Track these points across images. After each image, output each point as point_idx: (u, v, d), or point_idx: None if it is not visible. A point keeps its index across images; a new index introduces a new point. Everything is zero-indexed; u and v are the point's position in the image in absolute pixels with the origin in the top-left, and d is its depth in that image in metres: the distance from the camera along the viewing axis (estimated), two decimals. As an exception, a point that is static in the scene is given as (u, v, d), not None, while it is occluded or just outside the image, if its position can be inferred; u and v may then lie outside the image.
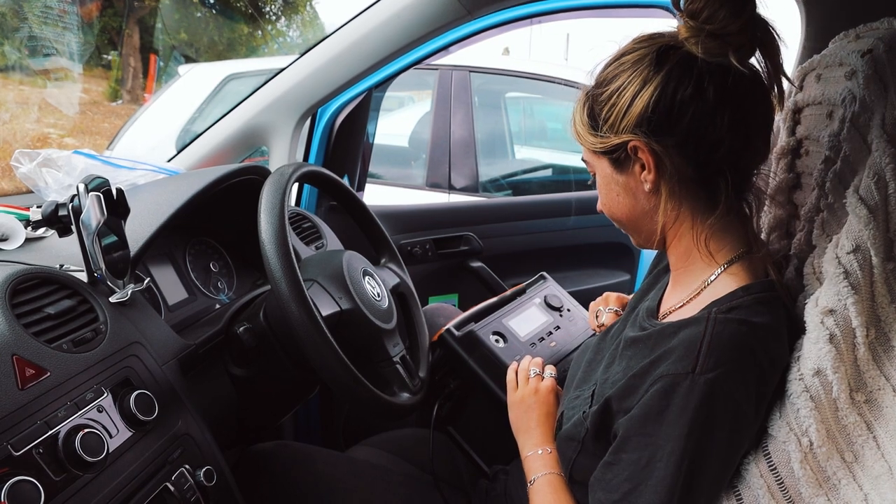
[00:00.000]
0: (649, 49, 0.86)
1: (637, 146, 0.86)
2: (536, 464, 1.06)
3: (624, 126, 0.86)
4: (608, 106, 0.88)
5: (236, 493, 1.01)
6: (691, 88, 0.83)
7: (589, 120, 0.92)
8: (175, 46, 7.89)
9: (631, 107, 0.85)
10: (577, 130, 0.94)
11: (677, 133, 0.84)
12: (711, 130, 0.84)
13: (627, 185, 0.92)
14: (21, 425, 0.74)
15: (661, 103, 0.83)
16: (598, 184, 0.97)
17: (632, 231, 0.98)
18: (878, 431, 0.74)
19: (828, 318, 0.76)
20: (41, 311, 0.88)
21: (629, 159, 0.89)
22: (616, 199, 0.95)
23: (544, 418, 1.13)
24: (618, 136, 0.87)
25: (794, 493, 0.77)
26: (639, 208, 0.93)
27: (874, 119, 0.80)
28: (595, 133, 0.91)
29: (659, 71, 0.84)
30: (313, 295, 1.08)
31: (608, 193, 0.95)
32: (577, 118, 0.94)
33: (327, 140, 1.90)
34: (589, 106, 0.92)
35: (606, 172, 0.93)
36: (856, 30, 0.98)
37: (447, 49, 1.70)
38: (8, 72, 4.77)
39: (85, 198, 0.93)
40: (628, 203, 0.94)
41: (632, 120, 0.85)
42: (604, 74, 0.90)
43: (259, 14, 9.73)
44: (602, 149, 0.90)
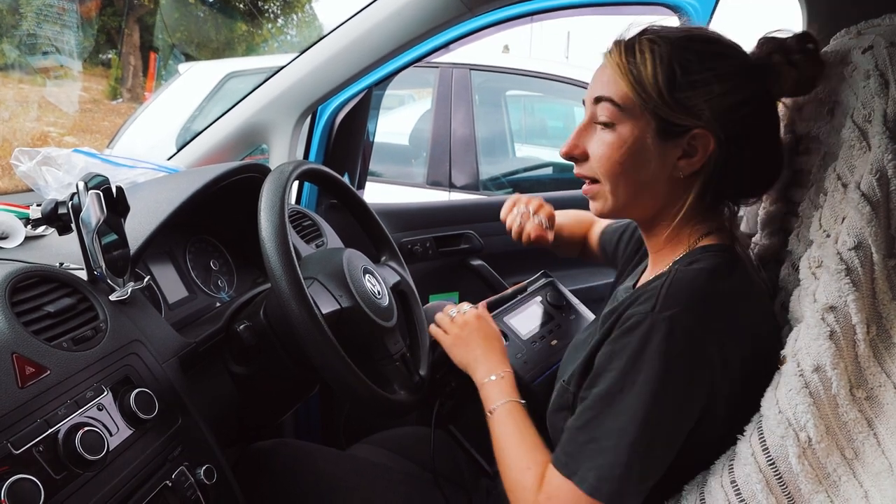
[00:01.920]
0: (747, 58, 0.90)
1: (702, 137, 0.87)
2: (493, 391, 1.06)
3: (702, 112, 0.85)
4: (701, 80, 0.85)
5: (236, 492, 1.01)
6: (762, 117, 0.90)
7: (667, 81, 0.86)
8: (175, 45, 7.90)
9: (722, 99, 0.85)
10: (636, 74, 0.87)
11: (739, 147, 0.87)
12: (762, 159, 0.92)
13: (659, 157, 0.89)
14: (21, 424, 0.74)
15: (742, 117, 0.86)
16: (618, 140, 0.90)
17: (622, 197, 0.94)
18: (879, 428, 0.74)
19: (828, 314, 0.76)
20: (41, 309, 0.88)
21: (680, 138, 0.88)
22: (639, 166, 0.90)
23: (485, 341, 1.15)
24: (690, 117, 0.86)
25: (794, 488, 0.77)
26: (657, 184, 0.92)
27: (875, 115, 0.80)
28: (670, 96, 0.86)
29: (752, 81, 0.88)
30: (313, 293, 1.08)
31: (633, 156, 0.90)
32: (648, 64, 0.86)
33: (327, 138, 1.89)
34: (672, 67, 0.86)
35: (646, 136, 0.89)
36: (857, 26, 0.98)
37: (447, 47, 1.70)
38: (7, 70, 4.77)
39: (84, 196, 0.93)
40: (647, 172, 0.91)
41: (715, 112, 0.85)
42: (706, 47, 0.88)
43: (258, 12, 9.73)
44: (663, 114, 0.87)
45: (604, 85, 0.91)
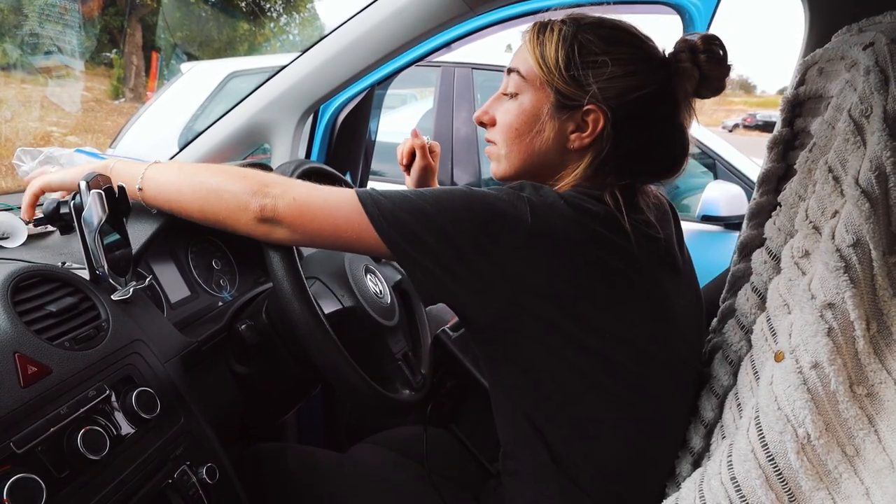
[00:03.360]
0: (652, 49, 0.96)
1: (593, 113, 0.93)
2: (122, 169, 1.02)
3: (599, 91, 0.92)
4: (596, 62, 0.92)
5: (239, 491, 1.01)
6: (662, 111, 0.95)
7: (566, 58, 0.93)
8: (177, 44, 7.90)
9: (617, 82, 0.92)
10: (542, 52, 0.95)
11: (633, 133, 0.94)
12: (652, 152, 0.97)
13: (557, 130, 0.97)
14: (23, 423, 0.74)
15: (639, 105, 0.92)
16: (519, 108, 0.98)
17: (516, 160, 1.01)
18: (880, 425, 0.74)
19: (826, 311, 0.76)
20: (43, 308, 0.88)
21: (575, 112, 0.95)
22: (533, 132, 0.98)
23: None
24: (582, 93, 0.93)
25: (794, 485, 0.77)
26: (548, 152, 0.98)
27: (875, 111, 0.80)
28: (567, 72, 0.93)
29: (655, 74, 0.93)
30: (315, 293, 1.08)
31: (528, 122, 0.98)
32: (551, 45, 0.95)
33: (329, 137, 1.90)
34: (573, 46, 0.93)
35: (543, 106, 0.96)
36: (858, 24, 0.98)
37: (449, 46, 1.70)
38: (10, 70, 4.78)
39: (87, 195, 0.93)
40: (541, 140, 0.98)
41: (608, 93, 0.92)
42: (599, 35, 0.94)
43: (260, 12, 9.73)
44: (563, 89, 0.94)
45: (516, 59, 1.00)
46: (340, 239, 0.91)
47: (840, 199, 0.81)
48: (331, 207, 0.90)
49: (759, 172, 1.12)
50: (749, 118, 34.22)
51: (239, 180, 0.94)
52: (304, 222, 0.91)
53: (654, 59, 0.95)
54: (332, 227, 0.90)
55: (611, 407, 0.93)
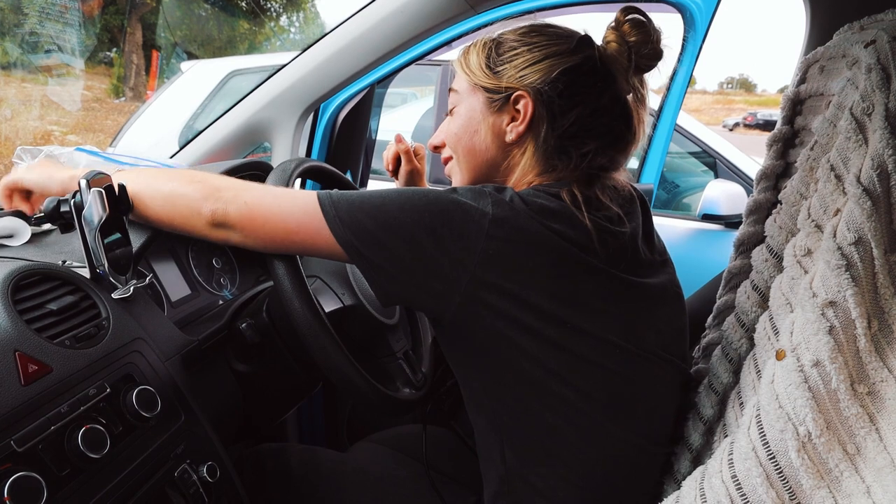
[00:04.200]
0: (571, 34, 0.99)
1: (522, 99, 0.97)
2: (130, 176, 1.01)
3: (520, 77, 0.97)
4: (514, 53, 0.98)
5: (239, 489, 1.01)
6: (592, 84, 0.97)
7: (486, 58, 1.00)
8: (177, 43, 7.90)
9: (536, 65, 0.96)
10: (466, 61, 1.03)
11: (565, 109, 0.96)
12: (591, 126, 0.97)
13: (492, 126, 1.01)
14: (24, 421, 0.74)
15: (563, 80, 0.95)
16: (457, 117, 1.04)
17: (465, 165, 1.05)
18: (881, 423, 0.74)
19: (828, 309, 0.76)
20: (43, 307, 0.88)
21: (506, 105, 0.99)
22: (472, 134, 1.02)
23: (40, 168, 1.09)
24: (509, 82, 0.97)
25: (795, 483, 0.77)
26: (489, 149, 1.02)
27: (876, 109, 0.80)
28: (488, 69, 0.99)
29: (576, 53, 0.96)
30: (316, 291, 1.08)
31: (466, 126, 1.03)
32: (473, 52, 1.02)
33: (330, 136, 1.90)
34: (491, 47, 1.00)
35: (476, 108, 1.01)
36: (860, 21, 0.98)
37: (450, 44, 1.70)
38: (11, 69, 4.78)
39: (87, 194, 0.93)
40: (484, 141, 1.02)
41: (531, 76, 0.96)
42: (517, 32, 1.00)
43: (261, 10, 9.73)
44: (488, 84, 0.99)
45: (452, 80, 1.07)
46: (294, 243, 0.91)
47: (842, 197, 0.81)
48: (283, 211, 0.90)
49: (758, 170, 1.13)
50: (749, 117, 34.21)
51: (191, 184, 0.94)
52: (255, 227, 0.91)
53: (572, 39, 0.98)
54: (284, 230, 0.91)
55: (576, 404, 0.91)
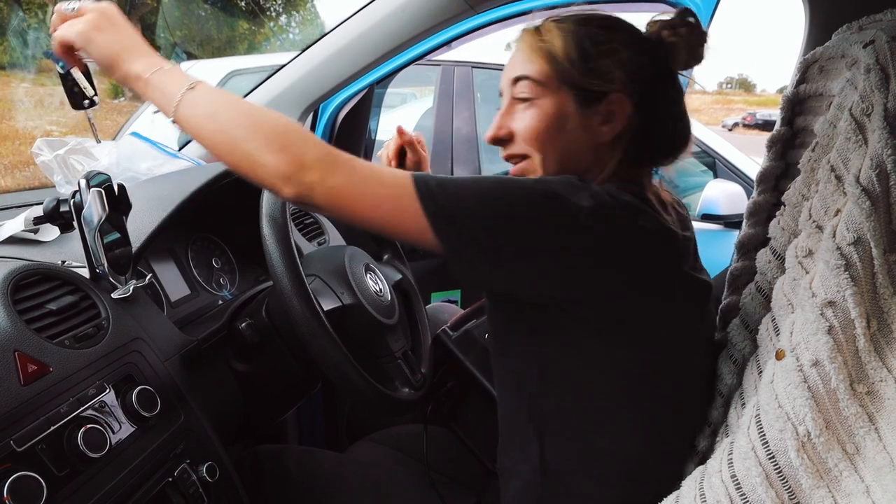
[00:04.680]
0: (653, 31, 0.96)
1: (617, 98, 0.92)
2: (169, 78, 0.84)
3: (616, 76, 0.91)
4: (609, 48, 0.91)
5: (239, 489, 1.01)
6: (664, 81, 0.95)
7: (580, 49, 0.91)
8: (177, 43, 7.89)
9: (631, 65, 0.91)
10: (550, 49, 0.92)
11: (653, 110, 0.93)
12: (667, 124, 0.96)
13: (582, 125, 0.93)
14: (23, 421, 0.74)
15: (654, 82, 0.93)
16: (538, 112, 0.93)
17: (550, 166, 0.96)
18: (881, 423, 0.74)
19: (827, 309, 0.76)
20: (43, 307, 0.88)
21: (598, 104, 0.92)
22: (559, 133, 0.94)
23: (119, 29, 0.87)
24: (606, 82, 0.91)
25: (794, 483, 0.77)
26: (579, 150, 0.95)
27: (875, 110, 0.80)
28: (583, 63, 0.91)
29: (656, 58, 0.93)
30: (315, 290, 1.08)
31: (552, 124, 0.93)
32: (560, 39, 0.92)
33: (329, 136, 1.90)
34: (581, 40, 0.92)
35: (565, 104, 0.93)
36: (859, 22, 0.98)
37: (449, 45, 1.70)
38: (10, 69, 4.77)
39: (86, 194, 0.93)
40: (572, 140, 0.94)
41: (627, 75, 0.91)
42: (604, 22, 0.94)
43: (260, 10, 9.73)
44: (582, 82, 0.91)
45: (519, 66, 0.95)
46: (382, 227, 0.84)
47: (842, 197, 0.81)
48: (375, 196, 0.81)
49: (758, 171, 1.12)
50: (749, 117, 34.20)
51: (275, 153, 0.80)
52: (341, 212, 0.83)
53: (649, 40, 0.95)
54: (371, 217, 0.83)
55: (632, 400, 0.92)
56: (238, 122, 0.82)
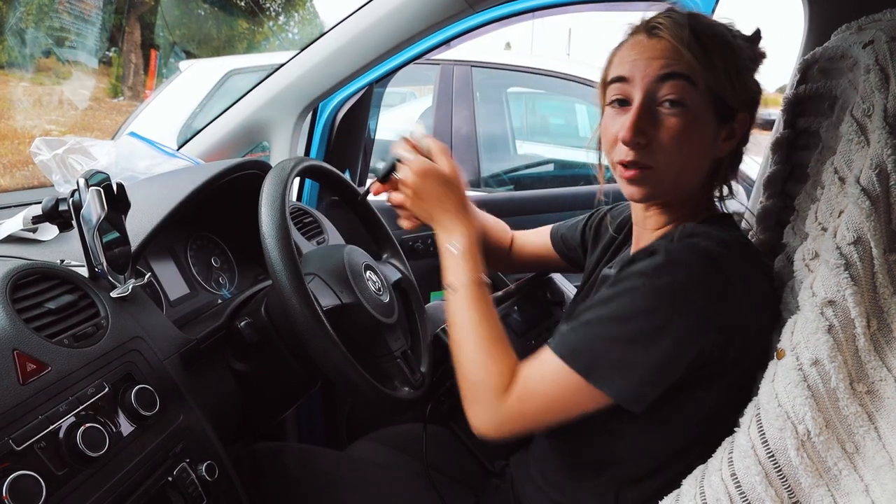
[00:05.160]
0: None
1: (744, 119, 0.93)
2: (451, 264, 0.99)
3: (749, 93, 0.92)
4: (748, 69, 0.92)
5: (238, 488, 1.01)
6: None
7: (734, 66, 0.89)
8: (176, 42, 7.89)
9: (755, 80, 0.93)
10: (712, 62, 0.87)
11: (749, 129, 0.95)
12: None
13: (713, 137, 0.92)
14: (22, 420, 0.74)
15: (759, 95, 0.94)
16: (687, 116, 0.88)
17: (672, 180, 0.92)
18: (880, 422, 0.74)
19: (827, 308, 0.76)
20: (42, 306, 0.88)
21: (728, 120, 0.91)
22: (699, 140, 0.90)
23: (440, 200, 1.01)
24: (745, 101, 0.92)
25: (794, 481, 0.77)
26: (702, 161, 0.93)
27: (875, 110, 0.80)
28: (734, 80, 0.89)
29: None
30: (314, 289, 1.08)
31: (699, 130, 0.89)
32: (717, 52, 0.88)
33: (328, 135, 1.90)
34: (735, 51, 0.90)
35: (707, 116, 0.90)
36: (858, 22, 0.98)
37: (448, 43, 1.70)
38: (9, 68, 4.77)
39: (85, 193, 0.93)
40: (703, 151, 0.92)
41: (754, 93, 0.93)
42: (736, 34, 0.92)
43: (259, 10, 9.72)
44: (728, 94, 0.89)
45: (668, 61, 0.88)
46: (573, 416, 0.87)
47: (846, 199, 0.81)
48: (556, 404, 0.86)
49: (764, 176, 1.12)
50: (748, 117, 34.03)
51: (473, 403, 0.92)
52: (539, 428, 0.91)
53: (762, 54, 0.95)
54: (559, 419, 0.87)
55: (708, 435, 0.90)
56: (462, 346, 0.96)
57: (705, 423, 0.86)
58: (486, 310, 0.96)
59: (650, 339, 0.81)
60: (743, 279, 0.83)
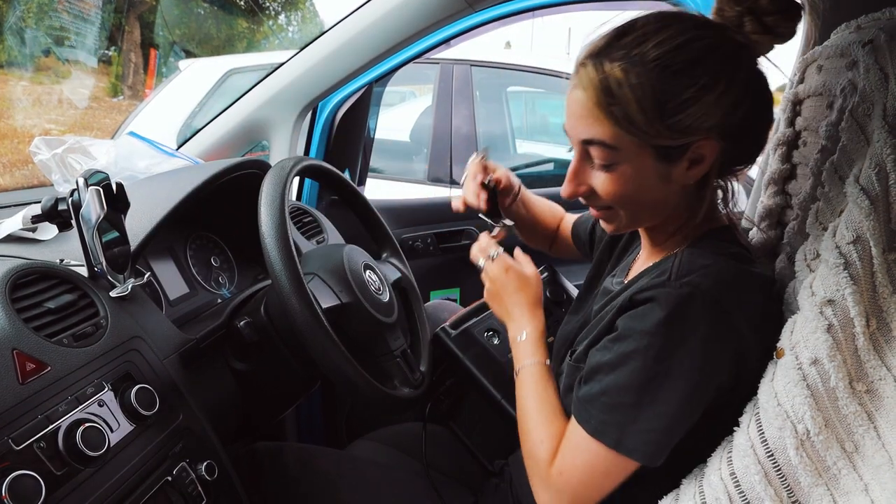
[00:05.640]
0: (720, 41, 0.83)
1: (706, 144, 0.83)
2: (519, 351, 1.05)
3: (700, 122, 0.81)
4: (687, 99, 0.80)
5: (238, 488, 1.01)
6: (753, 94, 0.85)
7: (656, 109, 0.80)
8: (175, 42, 7.89)
9: (715, 107, 0.81)
10: (630, 120, 0.81)
11: (742, 138, 0.86)
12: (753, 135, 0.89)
13: (667, 177, 0.87)
14: (22, 419, 0.74)
15: (740, 108, 0.83)
16: (620, 177, 0.87)
17: (640, 219, 0.94)
18: (879, 421, 0.74)
19: (826, 307, 0.76)
20: (41, 305, 0.88)
21: (684, 154, 0.84)
22: (644, 192, 0.88)
23: (515, 295, 1.10)
24: (690, 136, 0.82)
25: (793, 481, 0.77)
26: (667, 197, 0.90)
27: (875, 109, 0.80)
28: (660, 123, 0.81)
29: (737, 71, 0.83)
30: (314, 288, 1.08)
31: (637, 187, 0.87)
32: (633, 108, 0.81)
33: (328, 134, 1.89)
34: (658, 95, 0.80)
35: (647, 165, 0.85)
36: (857, 20, 0.98)
37: (448, 42, 1.70)
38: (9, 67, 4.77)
39: (84, 192, 0.93)
40: (658, 193, 0.89)
41: (712, 118, 0.81)
42: (681, 58, 0.80)
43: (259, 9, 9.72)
44: (661, 143, 0.83)
45: (588, 126, 0.85)
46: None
47: (845, 198, 0.81)
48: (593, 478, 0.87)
49: (766, 175, 1.12)
50: (748, 116, 34.01)
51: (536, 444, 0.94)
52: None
53: (729, 52, 0.83)
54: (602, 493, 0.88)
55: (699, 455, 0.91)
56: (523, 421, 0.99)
57: (704, 423, 0.86)
58: (543, 390, 1.00)
59: (670, 400, 0.82)
60: (744, 309, 0.82)
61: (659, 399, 0.82)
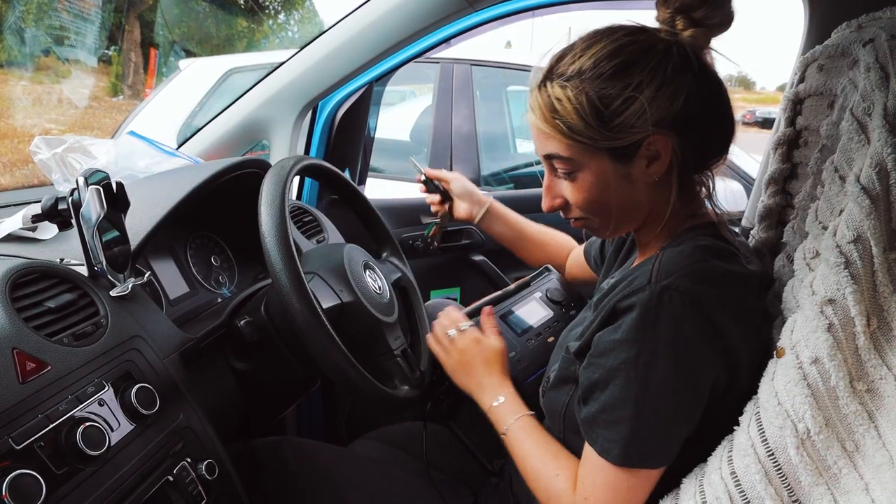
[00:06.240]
0: (651, 42, 0.88)
1: (657, 140, 0.87)
2: (500, 414, 1.07)
3: (644, 120, 0.85)
4: (624, 100, 0.85)
5: (238, 487, 1.01)
6: (697, 84, 0.87)
7: (594, 116, 0.86)
8: (175, 41, 7.89)
9: (655, 100, 0.85)
10: (565, 127, 0.88)
11: (691, 129, 0.88)
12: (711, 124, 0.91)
13: (629, 177, 0.92)
14: (22, 419, 0.74)
15: (690, 102, 0.86)
16: (582, 184, 0.93)
17: (616, 222, 0.98)
18: (880, 421, 0.74)
19: (827, 307, 0.76)
20: (41, 304, 0.88)
21: (638, 150, 0.89)
22: (608, 196, 0.93)
23: (486, 366, 1.14)
24: (634, 132, 0.86)
25: (793, 480, 0.77)
26: (635, 197, 0.94)
27: (875, 108, 0.80)
28: (602, 128, 0.86)
29: (670, 67, 0.86)
30: (314, 288, 1.08)
31: (599, 192, 0.93)
32: (574, 119, 0.87)
33: (328, 133, 1.89)
34: (595, 103, 0.86)
35: (603, 169, 0.91)
36: (858, 20, 0.98)
37: (448, 42, 1.70)
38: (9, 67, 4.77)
39: (85, 191, 0.93)
40: (625, 194, 0.93)
41: (656, 114, 0.85)
42: (614, 64, 0.86)
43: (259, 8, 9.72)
44: (610, 145, 0.88)
45: (543, 142, 0.93)
46: None
47: (846, 197, 0.81)
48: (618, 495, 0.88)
49: (766, 174, 1.12)
50: (748, 115, 34.17)
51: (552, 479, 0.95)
52: None
53: (661, 50, 0.87)
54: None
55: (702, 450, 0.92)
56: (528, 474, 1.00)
57: (704, 423, 0.87)
58: (538, 435, 1.02)
59: (667, 403, 0.84)
60: (726, 307, 0.84)
61: (656, 404, 0.84)
